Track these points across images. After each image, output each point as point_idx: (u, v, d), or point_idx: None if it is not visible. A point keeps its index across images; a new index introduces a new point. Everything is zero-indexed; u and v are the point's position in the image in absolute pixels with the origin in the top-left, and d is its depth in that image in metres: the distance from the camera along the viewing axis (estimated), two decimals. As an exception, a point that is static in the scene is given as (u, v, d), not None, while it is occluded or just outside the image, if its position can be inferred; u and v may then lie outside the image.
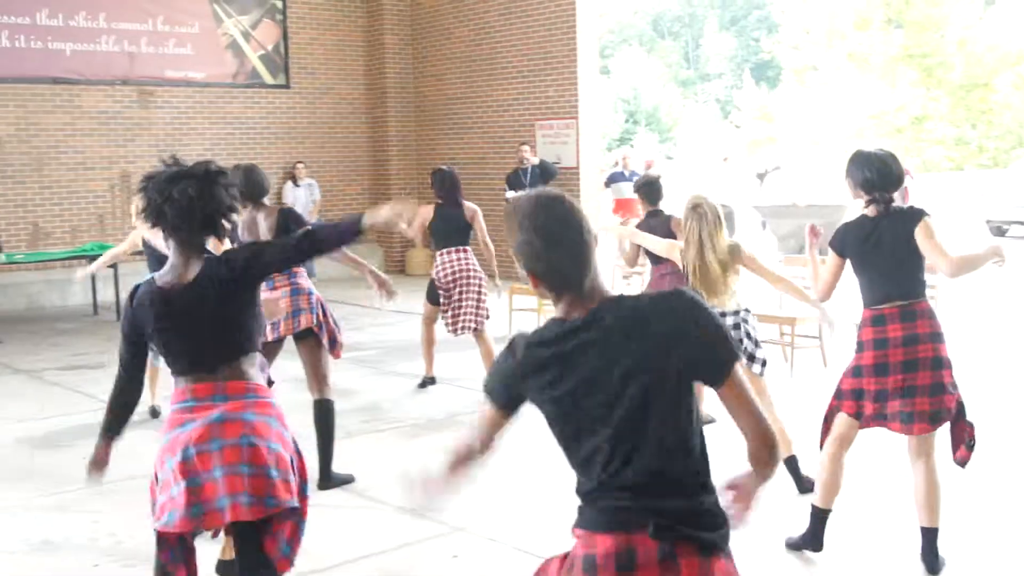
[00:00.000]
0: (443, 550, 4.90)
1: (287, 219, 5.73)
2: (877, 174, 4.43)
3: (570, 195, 2.56)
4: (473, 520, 5.24)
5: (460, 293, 8.06)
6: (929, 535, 4.47)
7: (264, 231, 5.79)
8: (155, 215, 3.27)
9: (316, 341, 5.74)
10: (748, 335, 5.71)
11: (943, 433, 4.48)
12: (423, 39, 16.32)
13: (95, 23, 13.95)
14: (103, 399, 7.27)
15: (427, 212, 8.38)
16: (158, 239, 5.91)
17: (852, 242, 4.51)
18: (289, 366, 6.64)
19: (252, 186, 5.81)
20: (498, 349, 9.53)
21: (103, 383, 6.21)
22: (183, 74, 14.74)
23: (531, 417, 2.58)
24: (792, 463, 5.51)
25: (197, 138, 14.81)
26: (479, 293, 8.11)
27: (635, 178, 15.12)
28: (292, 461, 3.36)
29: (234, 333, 3.32)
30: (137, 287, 3.37)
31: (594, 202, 14.32)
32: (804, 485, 5.38)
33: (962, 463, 4.53)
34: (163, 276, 3.33)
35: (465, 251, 8.22)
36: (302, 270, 5.77)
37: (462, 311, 8.02)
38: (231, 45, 15.23)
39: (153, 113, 14.48)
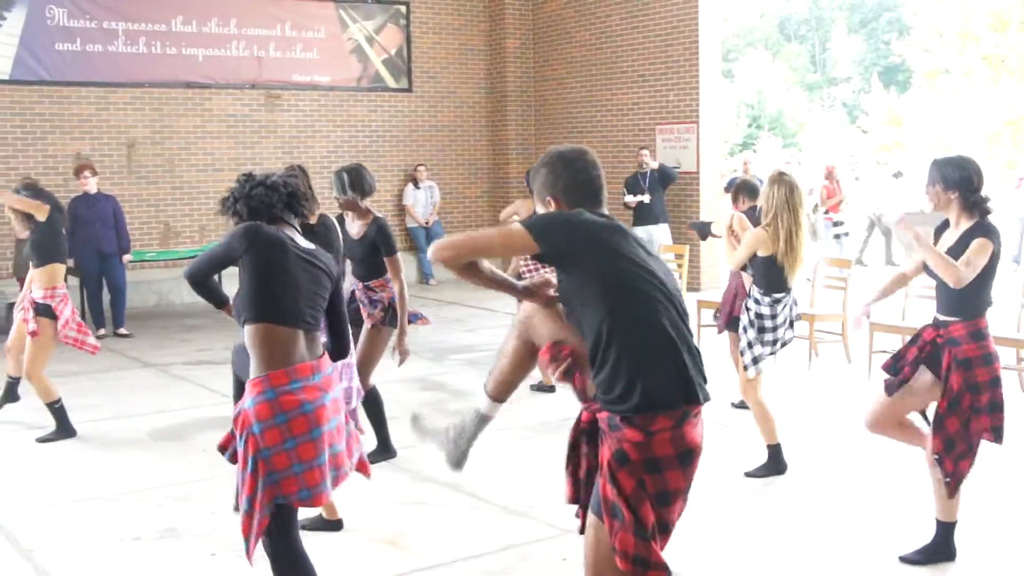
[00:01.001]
0: (552, 552, 4.89)
1: (378, 232, 6.07)
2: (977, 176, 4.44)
3: (689, 199, 2.75)
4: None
5: None
6: None
7: (354, 231, 6.18)
8: (231, 211, 3.80)
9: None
10: (792, 321, 6.04)
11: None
12: (544, 43, 16.37)
13: (226, 29, 14.38)
14: (227, 394, 7.49)
15: (526, 207, 8.38)
16: None
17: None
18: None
19: (354, 186, 6.10)
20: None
21: (227, 378, 6.39)
22: (309, 78, 15.08)
23: (722, 450, 2.57)
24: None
25: (322, 140, 15.14)
26: None
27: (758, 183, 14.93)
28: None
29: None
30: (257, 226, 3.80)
31: (713, 207, 14.15)
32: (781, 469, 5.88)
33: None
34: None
35: None
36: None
37: None
38: (355, 50, 15.51)
39: (279, 116, 14.85)
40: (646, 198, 13.37)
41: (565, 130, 16.08)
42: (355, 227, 6.21)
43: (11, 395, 7.67)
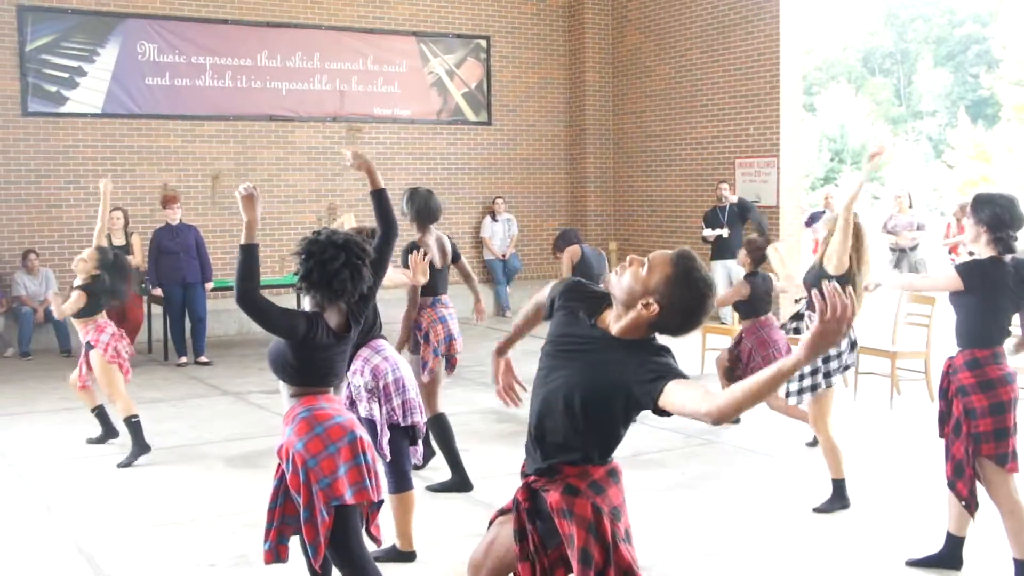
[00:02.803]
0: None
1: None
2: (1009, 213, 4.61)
3: (769, 234, 2.70)
4: (659, 561, 5.16)
5: None
6: None
7: (447, 250, 6.70)
8: (317, 288, 3.99)
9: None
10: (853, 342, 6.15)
11: None
12: (624, 76, 16.38)
13: (310, 63, 14.64)
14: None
15: (575, 253, 9.14)
16: None
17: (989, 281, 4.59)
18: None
19: (429, 211, 6.58)
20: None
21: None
22: (390, 111, 15.27)
23: (731, 465, 2.54)
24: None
25: (401, 173, 15.29)
26: None
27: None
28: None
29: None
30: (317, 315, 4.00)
31: (793, 241, 13.97)
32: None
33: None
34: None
35: None
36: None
37: None
38: (436, 83, 15.68)
39: (360, 148, 15.03)
40: (725, 232, 13.27)
41: (644, 163, 16.04)
42: (441, 248, 6.72)
43: (106, 425, 7.86)
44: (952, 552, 4.94)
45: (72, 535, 5.76)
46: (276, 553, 4.01)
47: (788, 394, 5.97)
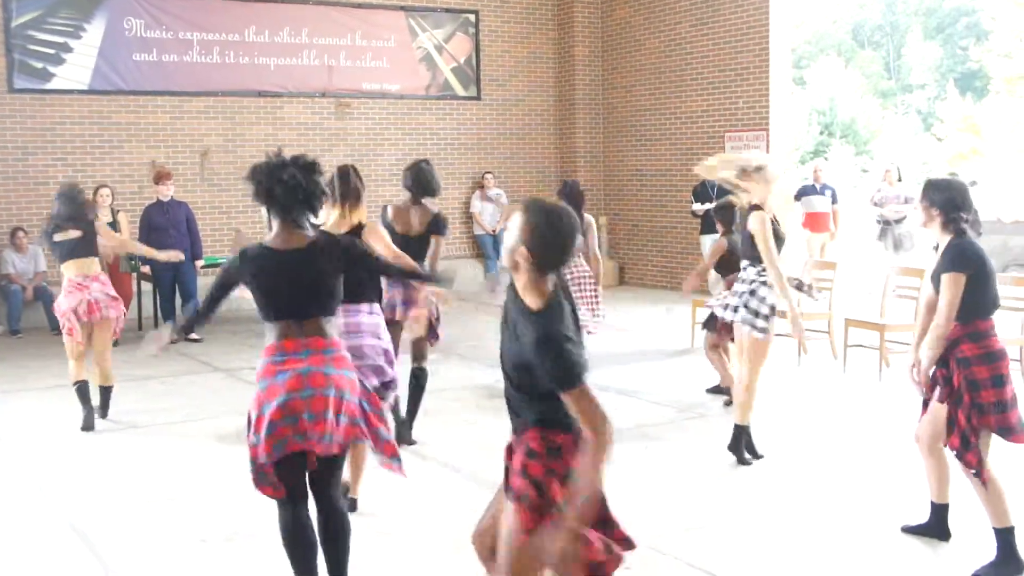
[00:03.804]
0: (615, 562, 4.86)
1: (437, 223, 6.79)
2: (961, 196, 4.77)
3: None
4: (647, 532, 5.19)
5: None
6: None
7: (416, 224, 6.77)
8: (265, 197, 4.05)
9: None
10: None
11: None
12: (613, 51, 16.33)
13: (298, 39, 14.57)
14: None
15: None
16: None
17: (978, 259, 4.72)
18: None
19: (424, 183, 6.84)
20: (670, 362, 9.46)
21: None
22: (378, 86, 15.21)
23: (721, 437, 2.55)
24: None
25: (390, 148, 15.26)
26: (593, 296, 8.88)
27: (827, 192, 14.70)
28: (361, 404, 4.10)
29: (323, 295, 4.05)
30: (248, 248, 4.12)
31: (782, 214, 13.95)
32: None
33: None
34: (271, 241, 4.10)
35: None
36: None
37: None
38: (425, 58, 15.62)
39: (349, 124, 15.00)
40: (713, 206, 13.26)
41: (633, 138, 16.02)
42: (416, 220, 6.86)
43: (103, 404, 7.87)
44: (939, 522, 5.03)
45: (64, 512, 5.77)
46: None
47: (761, 329, 6.22)
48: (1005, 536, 4.69)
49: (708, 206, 13.32)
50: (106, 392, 7.82)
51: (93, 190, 11.95)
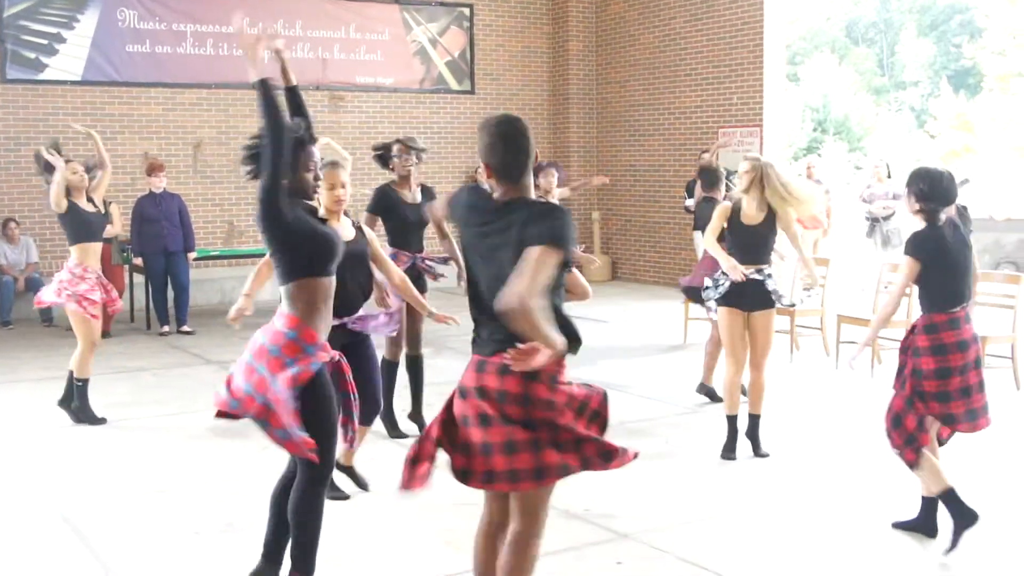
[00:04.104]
0: (607, 556, 4.87)
1: (427, 194, 7.12)
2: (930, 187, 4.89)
3: None
4: (640, 528, 5.21)
5: None
6: None
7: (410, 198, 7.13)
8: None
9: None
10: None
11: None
12: (607, 45, 16.32)
13: (292, 31, 14.53)
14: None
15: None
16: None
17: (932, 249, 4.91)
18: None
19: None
20: (665, 357, 9.47)
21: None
22: (372, 80, 15.19)
23: (706, 430, 2.56)
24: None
25: (384, 142, 15.20)
26: None
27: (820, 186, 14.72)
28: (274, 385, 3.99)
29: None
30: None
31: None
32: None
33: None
34: None
35: None
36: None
37: None
38: (419, 52, 15.60)
39: (343, 117, 14.97)
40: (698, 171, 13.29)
41: (627, 133, 16.02)
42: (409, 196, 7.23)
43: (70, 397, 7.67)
44: (927, 517, 5.07)
45: (56, 504, 5.76)
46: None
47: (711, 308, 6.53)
48: (929, 503, 5.03)
49: (702, 202, 13.34)
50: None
51: (86, 182, 11.93)
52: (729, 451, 6.52)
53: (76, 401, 7.53)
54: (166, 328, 11.50)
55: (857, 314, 9.31)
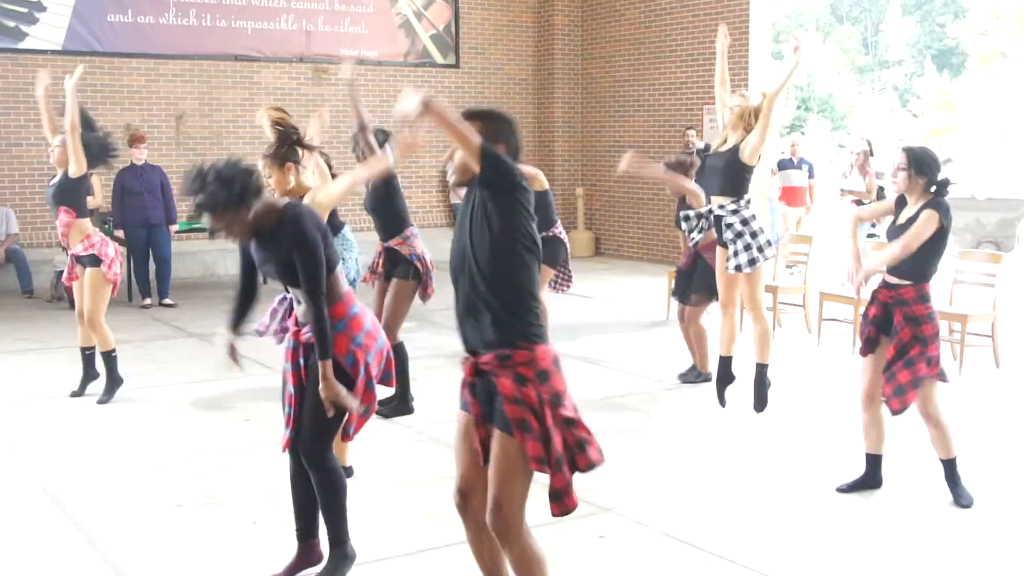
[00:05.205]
0: (589, 530, 4.89)
1: (389, 183, 6.82)
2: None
3: None
4: (621, 502, 5.23)
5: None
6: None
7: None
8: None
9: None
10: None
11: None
12: (593, 20, 16.26)
13: (275, 2, 14.41)
14: (268, 364, 7.58)
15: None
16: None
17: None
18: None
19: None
20: (648, 333, 9.49)
21: (269, 350, 6.42)
22: (357, 52, 15.08)
23: (687, 405, 2.56)
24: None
25: (368, 115, 15.13)
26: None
27: (804, 166, 14.75)
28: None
29: None
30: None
31: (760, 187, 13.99)
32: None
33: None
34: None
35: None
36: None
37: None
38: (404, 24, 15.50)
39: (326, 90, 14.88)
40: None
41: (612, 108, 15.99)
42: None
43: (90, 370, 7.55)
44: (873, 472, 5.42)
45: (37, 477, 5.74)
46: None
47: (739, 267, 6.45)
48: (950, 465, 5.26)
49: (685, 178, 13.34)
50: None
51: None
52: (720, 392, 6.78)
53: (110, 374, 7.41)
54: (148, 301, 11.45)
55: (840, 291, 9.33)
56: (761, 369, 6.63)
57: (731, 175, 6.56)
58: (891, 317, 5.19)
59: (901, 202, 5.25)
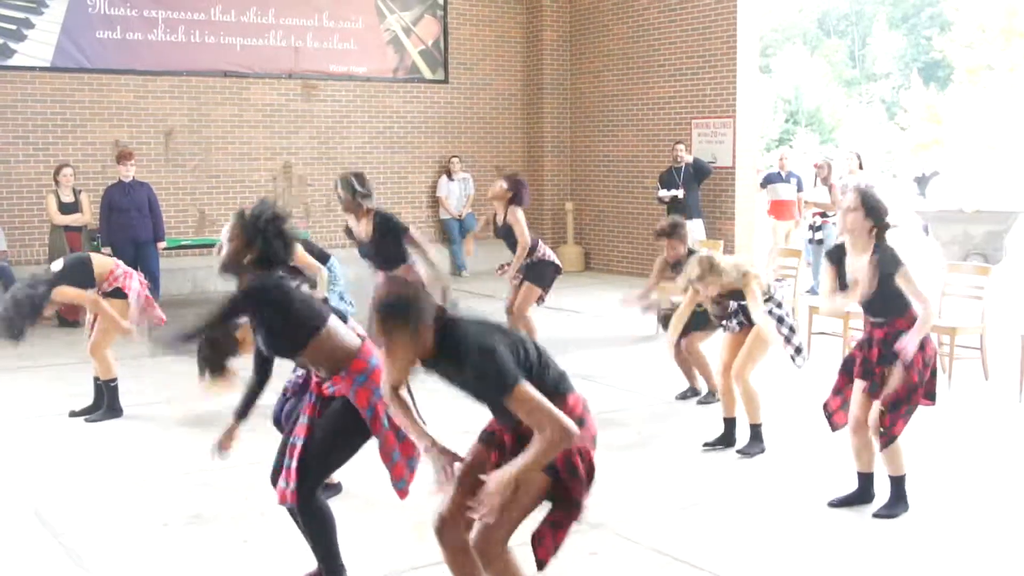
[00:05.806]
0: (580, 547, 4.87)
1: (384, 224, 7.00)
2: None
3: (724, 194, 2.77)
4: (613, 518, 5.22)
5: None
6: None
7: (362, 235, 7.11)
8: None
9: None
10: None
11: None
12: (581, 36, 16.32)
13: (264, 19, 14.43)
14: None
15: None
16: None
17: None
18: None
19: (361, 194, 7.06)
20: (637, 348, 9.48)
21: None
22: (346, 68, 15.11)
23: (678, 421, 2.56)
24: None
25: (357, 131, 15.17)
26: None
27: (792, 179, 14.79)
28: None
29: None
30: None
31: (748, 202, 14.05)
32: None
33: None
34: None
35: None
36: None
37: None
38: (392, 40, 15.53)
39: (315, 106, 14.89)
40: (680, 193, 13.34)
41: (601, 123, 16.03)
42: (362, 231, 6.87)
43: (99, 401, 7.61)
44: (865, 488, 5.47)
45: (25, 496, 5.71)
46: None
47: (794, 357, 6.68)
48: (898, 482, 5.30)
49: (674, 192, 13.38)
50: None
51: (55, 169, 11.82)
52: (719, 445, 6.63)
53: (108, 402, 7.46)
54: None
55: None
56: (755, 429, 6.55)
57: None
58: (891, 347, 5.14)
59: (838, 252, 5.29)
